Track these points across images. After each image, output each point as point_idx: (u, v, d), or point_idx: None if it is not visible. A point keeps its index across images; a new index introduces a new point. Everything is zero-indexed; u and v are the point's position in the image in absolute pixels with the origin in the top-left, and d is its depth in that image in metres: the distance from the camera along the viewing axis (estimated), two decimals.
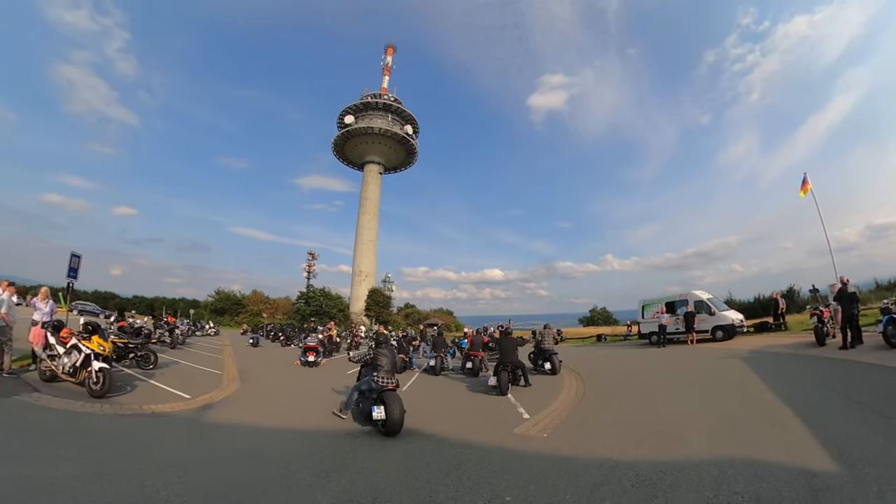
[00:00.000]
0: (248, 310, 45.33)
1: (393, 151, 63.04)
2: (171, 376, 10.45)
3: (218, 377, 11.36)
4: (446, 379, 11.90)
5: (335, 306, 47.65)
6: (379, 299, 49.66)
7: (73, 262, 13.18)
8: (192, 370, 12.28)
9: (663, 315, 18.71)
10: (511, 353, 9.33)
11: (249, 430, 6.37)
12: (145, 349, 11.48)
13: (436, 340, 13.75)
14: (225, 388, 9.67)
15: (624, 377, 10.56)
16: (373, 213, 61.37)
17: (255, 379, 11.81)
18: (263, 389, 10.43)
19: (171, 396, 8.09)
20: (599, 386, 9.42)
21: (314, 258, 62.66)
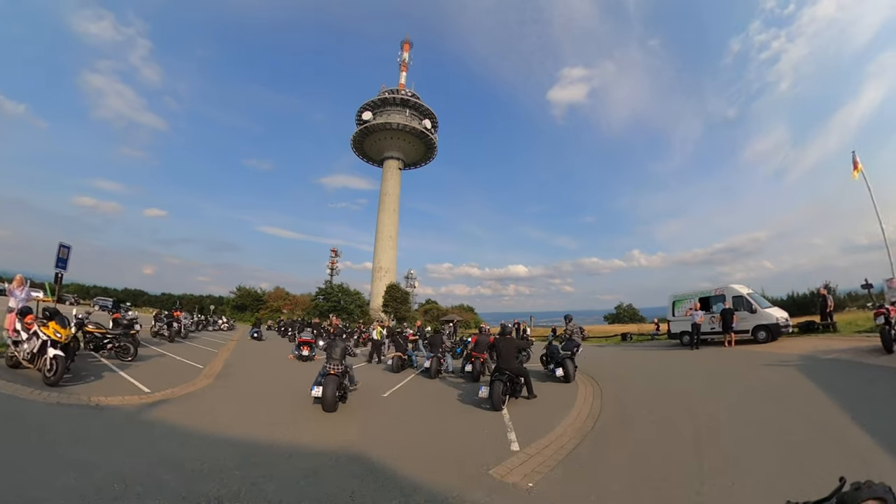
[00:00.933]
0: (268, 306, 45.47)
1: (412, 147, 62.06)
2: (146, 369, 9.98)
3: (197, 371, 10.69)
4: (441, 384, 10.45)
5: (353, 302, 47.11)
6: (397, 295, 48.73)
7: (61, 252, 12.60)
8: (174, 363, 11.61)
9: (697, 312, 16.55)
10: (510, 358, 7.67)
11: (186, 434, 5.59)
12: (124, 340, 10.85)
13: (432, 339, 12.27)
14: (194, 384, 9.05)
15: (652, 389, 8.73)
16: (392, 208, 60.61)
17: (236, 374, 11.05)
18: (237, 386, 9.55)
19: (130, 389, 7.66)
20: (621, 401, 7.60)
21: (337, 255, 62.73)
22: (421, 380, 10.98)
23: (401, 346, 12.69)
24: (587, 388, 8.93)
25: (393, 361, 12.14)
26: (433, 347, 11.71)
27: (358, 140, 61.08)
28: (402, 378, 10.95)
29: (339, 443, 5.41)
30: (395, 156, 61.48)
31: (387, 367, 12.41)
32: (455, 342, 17.04)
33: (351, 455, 4.87)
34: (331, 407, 6.83)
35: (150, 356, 12.18)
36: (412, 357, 13.09)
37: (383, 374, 11.82)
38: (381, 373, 12.14)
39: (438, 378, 11.09)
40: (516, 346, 8.08)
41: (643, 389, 8.73)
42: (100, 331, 10.86)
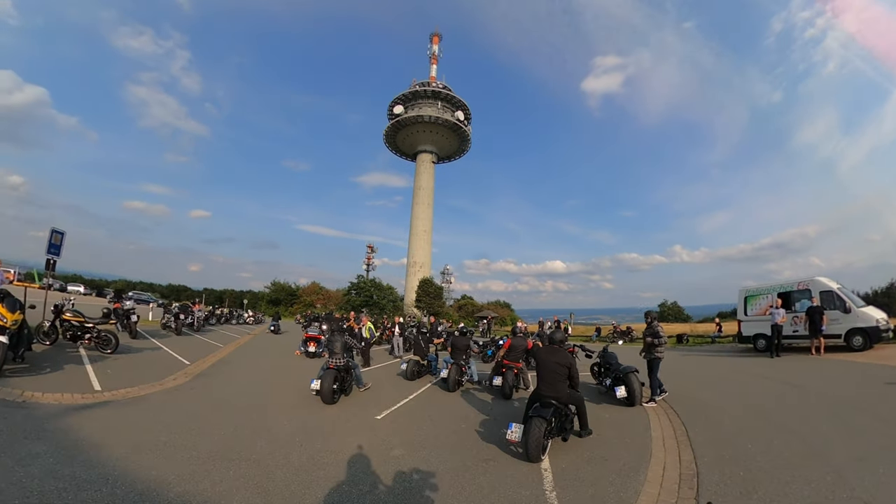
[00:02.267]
0: (302, 300, 45.16)
1: (445, 139, 59.84)
2: (121, 363, 9.01)
3: (179, 368, 9.45)
4: (460, 401, 7.82)
5: (386, 297, 45.72)
6: (430, 290, 46.76)
7: (54, 238, 11.51)
8: (161, 358, 10.35)
9: (778, 311, 13.06)
10: (556, 380, 4.92)
11: (76, 453, 4.28)
12: (105, 331, 9.73)
13: (455, 341, 9.40)
14: (163, 383, 8.01)
15: (759, 424, 5.80)
16: (427, 202, 58.76)
17: (223, 372, 9.61)
18: (211, 388, 8.00)
19: (79, 386, 6.82)
20: (721, 448, 4.79)
21: (373, 251, 61.96)
22: (436, 393, 8.61)
23: (420, 349, 10.34)
24: (661, 420, 6.20)
25: (407, 367, 9.80)
26: (456, 351, 9.24)
27: (390, 134, 59.66)
28: (412, 389, 8.65)
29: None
30: (429, 149, 59.50)
31: (400, 373, 10.16)
32: (487, 342, 14.51)
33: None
34: (328, 399, 6.78)
35: (142, 349, 10.84)
36: (433, 362, 10.58)
37: (392, 382, 9.61)
38: (392, 380, 9.93)
39: (459, 390, 8.70)
40: (566, 362, 5.08)
41: (746, 424, 5.84)
42: (77, 319, 9.61)
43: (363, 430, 5.63)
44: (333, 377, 6.96)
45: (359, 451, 4.83)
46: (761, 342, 14.27)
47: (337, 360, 7.23)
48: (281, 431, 5.40)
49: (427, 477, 4.10)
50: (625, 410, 6.78)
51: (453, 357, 9.12)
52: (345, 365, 7.33)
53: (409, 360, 9.94)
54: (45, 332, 9.43)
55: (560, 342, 5.46)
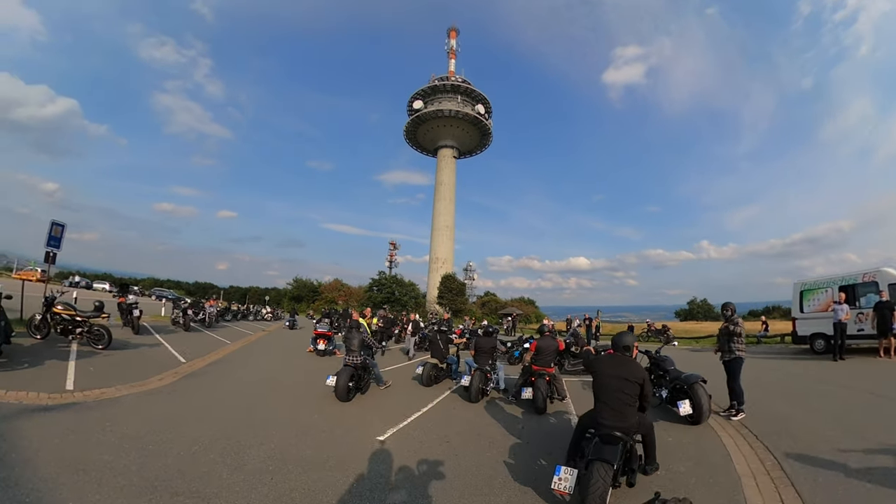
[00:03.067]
0: (323, 297, 44.89)
1: (466, 133, 58.32)
2: (111, 360, 8.36)
3: (172, 366, 8.63)
4: (484, 414, 6.48)
5: (408, 293, 44.80)
6: (452, 286, 45.44)
7: (54, 230, 10.93)
8: (156, 355, 9.52)
9: (841, 307, 11.07)
10: (623, 404, 3.46)
11: (26, 462, 3.70)
12: (97, 325, 9.03)
13: (479, 342, 7.87)
14: (146, 384, 7.19)
15: (863, 441, 4.43)
16: (448, 198, 57.42)
17: (219, 371, 8.70)
18: (198, 390, 7.07)
19: (51, 385, 6.19)
20: (830, 480, 3.57)
21: (395, 248, 61.27)
22: (456, 404, 7.24)
23: (439, 350, 8.95)
24: (739, 444, 4.70)
25: (424, 370, 8.45)
26: (480, 354, 7.80)
27: (410, 130, 58.64)
28: (427, 398, 7.33)
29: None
30: (449, 144, 58.11)
31: (416, 377, 8.82)
32: (514, 342, 13.01)
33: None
34: (343, 396, 6.58)
35: (139, 345, 10.12)
36: (453, 365, 9.15)
37: (406, 389, 8.37)
38: (405, 385, 8.70)
39: (483, 400, 7.34)
40: (638, 377, 3.56)
41: (853, 453, 4.28)
42: (68, 313, 8.93)
43: (358, 459, 4.37)
44: (350, 375, 6.78)
45: (346, 492, 3.60)
46: (819, 343, 12.67)
47: (353, 358, 7.03)
48: (252, 457, 4.24)
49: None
50: (689, 431, 5.29)
51: (477, 361, 7.76)
52: (362, 362, 7.16)
53: (425, 363, 8.67)
54: (36, 326, 8.84)
55: (627, 348, 3.82)
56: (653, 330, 25.90)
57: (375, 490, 3.64)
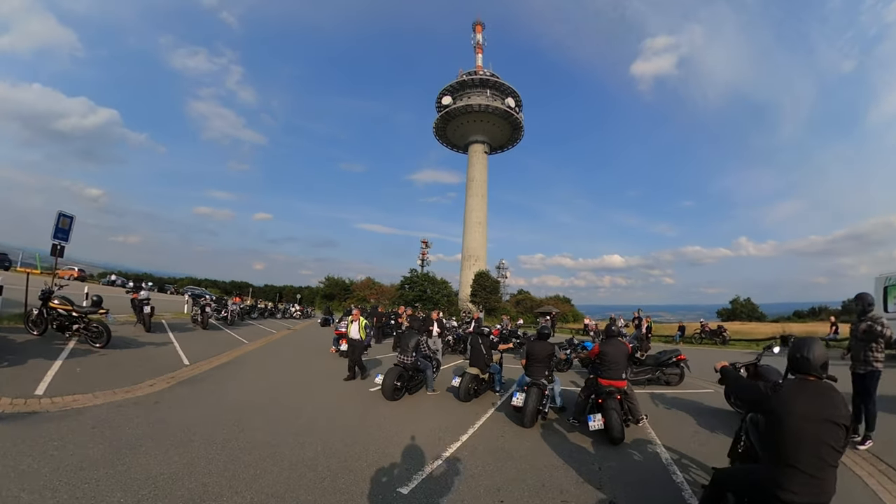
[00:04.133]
0: (355, 295, 44.18)
1: (496, 128, 56.09)
2: (105, 360, 7.29)
3: (176, 367, 7.52)
4: (545, 447, 4.67)
5: (440, 291, 43.20)
6: (486, 283, 43.36)
7: (61, 222, 10.06)
8: (158, 355, 8.32)
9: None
10: (821, 452, 1.93)
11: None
12: (95, 322, 7.98)
13: (531, 347, 6.12)
14: (134, 390, 6.03)
15: None
16: (480, 194, 55.39)
17: (232, 375, 7.46)
18: (198, 399, 5.68)
19: (22, 388, 5.29)
20: None
21: (427, 246, 59.98)
22: (503, 429, 5.40)
23: (480, 357, 7.01)
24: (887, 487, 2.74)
25: (461, 383, 6.64)
26: (534, 364, 5.94)
27: (440, 127, 57.07)
28: (467, 421, 5.55)
29: None
30: (480, 139, 56.06)
31: (451, 390, 7.02)
32: (571, 349, 10.73)
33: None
34: (389, 395, 6.24)
35: (145, 344, 9.00)
36: (497, 376, 7.36)
37: (439, 405, 6.59)
38: (438, 400, 6.93)
39: (539, 422, 5.51)
40: (844, 415, 2.07)
41: None
42: (65, 307, 7.89)
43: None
44: (398, 374, 6.48)
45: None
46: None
47: (405, 358, 6.71)
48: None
49: None
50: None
51: (531, 372, 5.91)
52: (413, 364, 6.80)
53: (464, 374, 6.85)
54: (33, 321, 7.95)
55: (825, 367, 2.25)
56: (707, 331, 22.73)
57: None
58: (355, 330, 7.97)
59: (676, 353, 8.94)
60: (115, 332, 9.60)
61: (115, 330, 9.91)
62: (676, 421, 6.06)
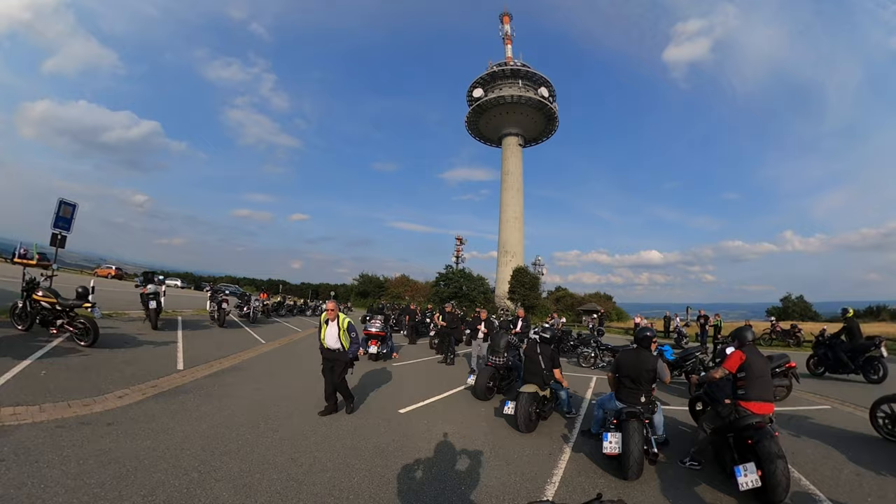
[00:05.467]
0: (389, 292, 42.96)
1: (530, 119, 53.16)
2: (81, 362, 6.00)
3: (165, 372, 6.08)
4: None
5: (477, 288, 41.04)
6: (525, 280, 40.65)
7: (62, 210, 9.00)
8: (149, 357, 6.79)
9: None
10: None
11: None
12: (80, 318, 6.83)
13: (623, 361, 4.11)
14: (92, 404, 4.60)
15: None
16: (516, 188, 52.70)
17: (229, 385, 5.73)
18: (168, 421, 3.96)
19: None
20: None
21: (462, 243, 58.10)
22: (595, 481, 3.45)
23: (538, 371, 5.01)
24: None
25: (519, 407, 4.67)
26: (626, 383, 3.95)
27: (472, 121, 54.85)
28: (537, 468, 3.60)
29: None
30: (514, 131, 53.35)
31: (506, 415, 4.91)
32: (679, 355, 8.23)
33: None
34: (482, 396, 6.00)
35: (143, 343, 7.72)
36: (563, 396, 5.34)
37: (486, 434, 4.68)
38: (483, 424, 4.99)
39: (649, 465, 3.49)
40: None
41: None
42: (48, 300, 6.74)
43: None
44: (490, 375, 6.18)
45: None
46: None
47: (497, 358, 6.31)
48: None
49: None
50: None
51: (624, 396, 3.95)
52: (505, 363, 6.39)
53: (519, 395, 4.79)
54: (17, 315, 6.93)
55: None
56: (778, 331, 19.08)
57: None
58: (332, 335, 5.00)
59: (785, 359, 6.50)
60: (117, 330, 8.42)
61: (117, 327, 8.79)
62: (821, 455, 4.31)
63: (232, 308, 11.65)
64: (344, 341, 5.00)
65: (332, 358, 5.03)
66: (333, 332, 4.99)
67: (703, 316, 19.95)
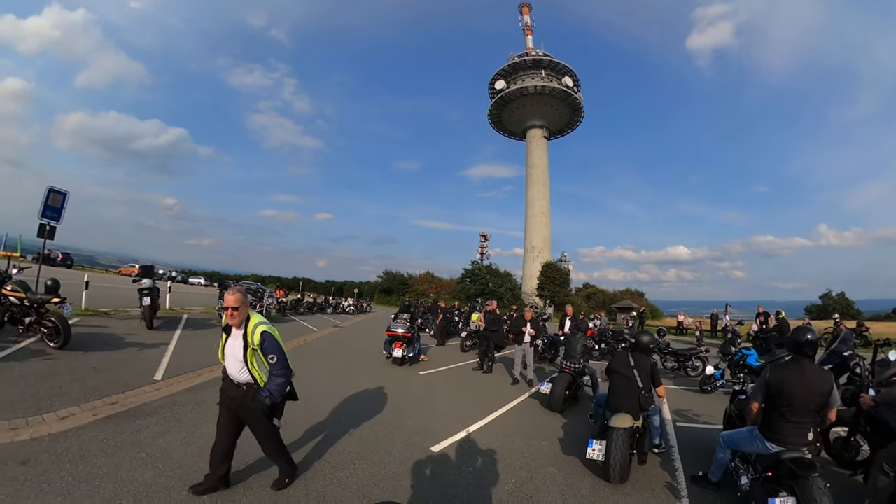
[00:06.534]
0: (413, 289, 41.70)
1: (554, 110, 50.56)
2: (40, 368, 4.92)
3: (140, 382, 4.84)
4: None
5: (504, 284, 39.14)
6: (554, 275, 38.41)
7: (52, 198, 8.01)
8: (127, 363, 5.46)
9: None
10: None
11: None
12: (47, 317, 5.69)
13: (779, 377, 2.50)
14: (22, 430, 3.34)
15: None
16: (542, 181, 50.29)
17: (205, 400, 4.26)
18: (101, 456, 2.35)
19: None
20: None
21: (486, 239, 56.34)
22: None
23: (634, 396, 3.26)
24: None
25: (613, 449, 2.99)
26: (791, 417, 2.36)
27: (495, 114, 52.78)
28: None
29: None
30: (538, 123, 50.90)
31: (593, 455, 3.12)
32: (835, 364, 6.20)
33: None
34: (558, 406, 5.28)
35: (127, 345, 6.49)
36: (656, 422, 3.65)
37: (541, 464, 3.13)
38: (539, 450, 3.52)
39: None
40: None
41: None
42: (17, 295, 5.64)
43: None
44: (567, 383, 5.42)
45: None
46: None
47: (574, 364, 5.62)
48: None
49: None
50: None
51: (781, 436, 2.42)
52: (581, 370, 5.76)
53: (611, 431, 3.10)
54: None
55: None
56: (843, 330, 16.05)
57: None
58: (235, 357, 2.61)
59: None
60: (105, 329, 7.19)
61: (108, 326, 7.67)
62: None
63: None
64: (256, 371, 2.58)
65: (236, 399, 2.63)
66: (236, 352, 2.59)
67: (764, 313, 17.37)
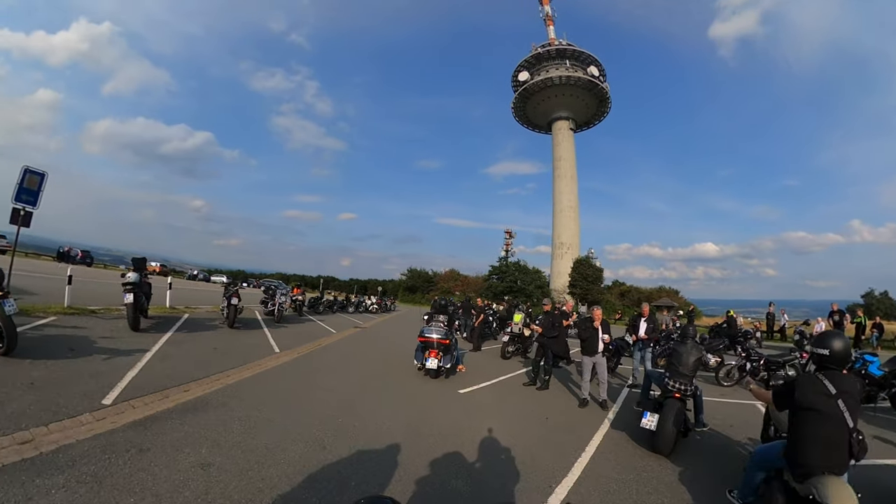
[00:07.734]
0: (438, 287, 40.09)
1: (580, 102, 47.75)
2: None
3: (72, 411, 3.07)
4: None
5: (532, 282, 36.91)
6: (587, 272, 35.83)
7: (28, 180, 6.81)
8: (83, 376, 3.79)
9: None
10: None
11: None
12: None
13: None
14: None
15: None
16: (570, 175, 47.59)
17: (156, 444, 2.24)
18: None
19: None
20: None
21: (511, 237, 54.14)
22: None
23: (848, 420, 1.82)
24: None
25: None
26: None
27: (519, 106, 50.42)
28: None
29: None
30: (564, 115, 48.19)
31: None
32: None
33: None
34: (667, 447, 3.61)
35: (94, 352, 5.03)
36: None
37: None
38: None
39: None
40: None
41: None
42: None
43: None
44: (677, 411, 3.72)
45: None
46: None
47: (685, 385, 3.91)
48: None
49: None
50: None
51: None
52: (692, 391, 4.05)
53: None
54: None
55: None
56: None
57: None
58: None
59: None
60: (80, 331, 5.82)
61: (85, 326, 6.34)
62: None
63: (241, 306, 9.04)
64: None
65: None
66: None
67: (838, 311, 14.67)
